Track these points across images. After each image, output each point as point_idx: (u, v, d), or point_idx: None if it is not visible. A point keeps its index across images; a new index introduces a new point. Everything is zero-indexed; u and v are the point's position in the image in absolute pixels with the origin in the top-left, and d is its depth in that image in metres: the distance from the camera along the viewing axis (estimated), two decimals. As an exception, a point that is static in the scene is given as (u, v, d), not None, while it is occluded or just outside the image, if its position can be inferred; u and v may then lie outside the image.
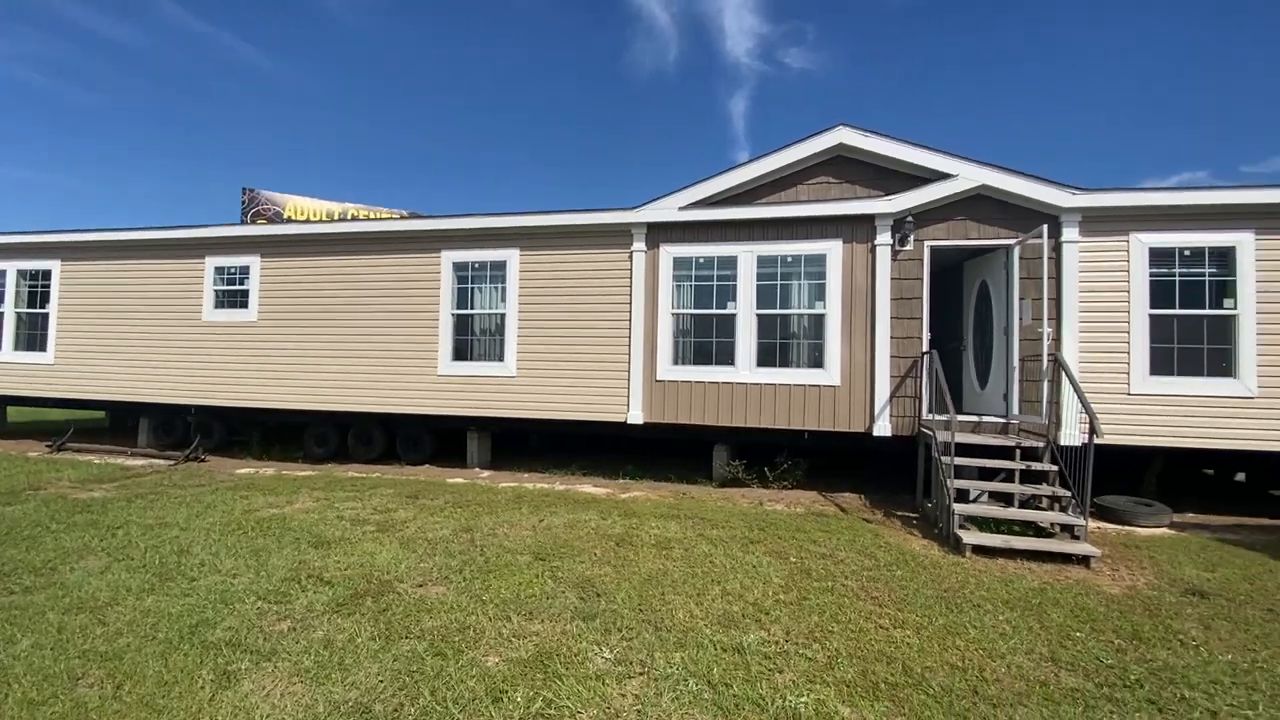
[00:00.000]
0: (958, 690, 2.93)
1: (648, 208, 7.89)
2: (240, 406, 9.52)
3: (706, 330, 7.84)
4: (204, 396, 9.59)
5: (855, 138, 7.30)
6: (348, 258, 9.09)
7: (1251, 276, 6.47)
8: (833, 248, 7.43)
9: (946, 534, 5.56)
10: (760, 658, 3.22)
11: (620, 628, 3.55)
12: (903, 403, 7.21)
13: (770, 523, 6.02)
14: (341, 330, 9.07)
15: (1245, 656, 3.34)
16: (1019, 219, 7.01)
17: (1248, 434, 6.46)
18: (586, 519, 6.02)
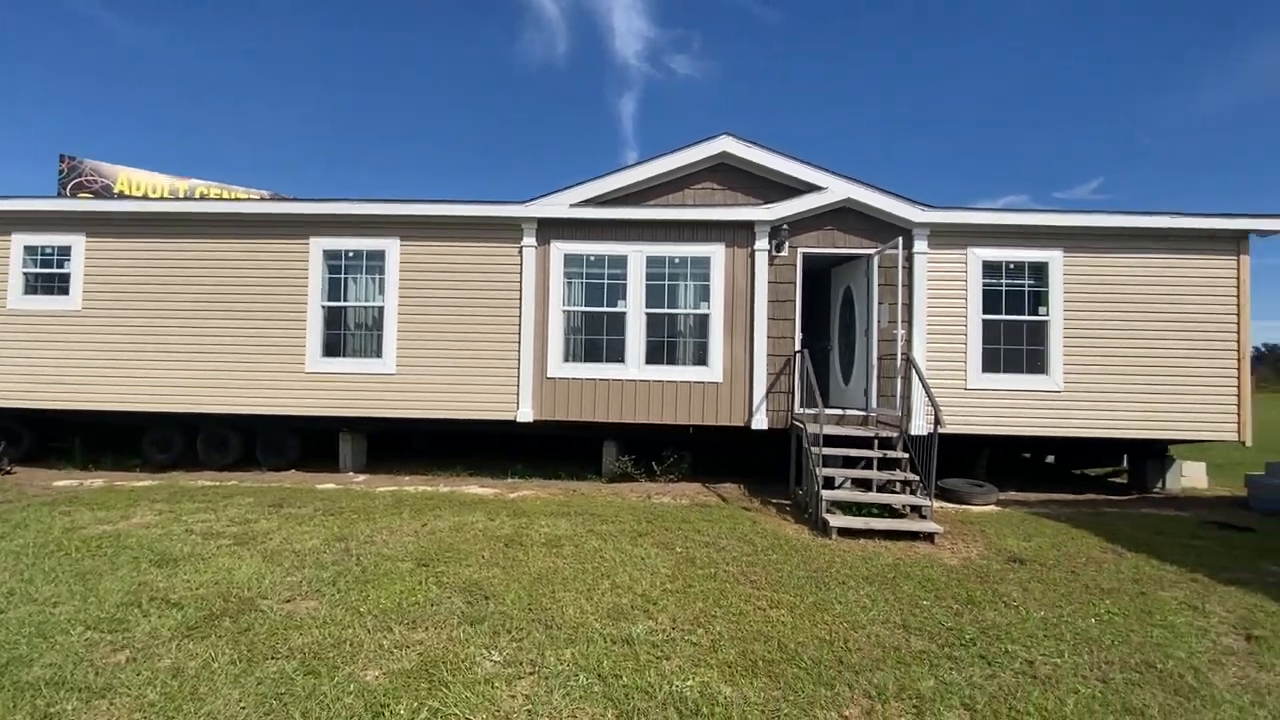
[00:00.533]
0: (825, 661, 3.21)
1: (539, 202, 7.80)
2: (60, 409, 8.22)
3: (597, 328, 7.91)
4: (9, 397, 8.17)
5: (737, 147, 7.68)
6: (199, 241, 8.13)
7: (1060, 288, 7.62)
8: (716, 251, 7.77)
9: (816, 518, 6.03)
10: (648, 647, 3.33)
11: (509, 629, 3.51)
12: (778, 398, 7.71)
13: (658, 515, 6.21)
14: (190, 322, 8.10)
15: (1054, 613, 3.95)
16: (878, 231, 7.74)
17: (1056, 422, 7.61)
18: (473, 521, 5.87)
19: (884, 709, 2.80)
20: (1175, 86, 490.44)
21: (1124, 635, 3.63)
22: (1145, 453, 8.29)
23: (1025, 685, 3.02)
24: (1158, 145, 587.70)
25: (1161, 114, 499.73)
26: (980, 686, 3.00)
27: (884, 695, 2.90)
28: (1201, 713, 2.80)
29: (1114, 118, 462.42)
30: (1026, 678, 3.11)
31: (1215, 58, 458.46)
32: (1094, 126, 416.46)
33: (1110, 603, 4.13)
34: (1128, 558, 5.15)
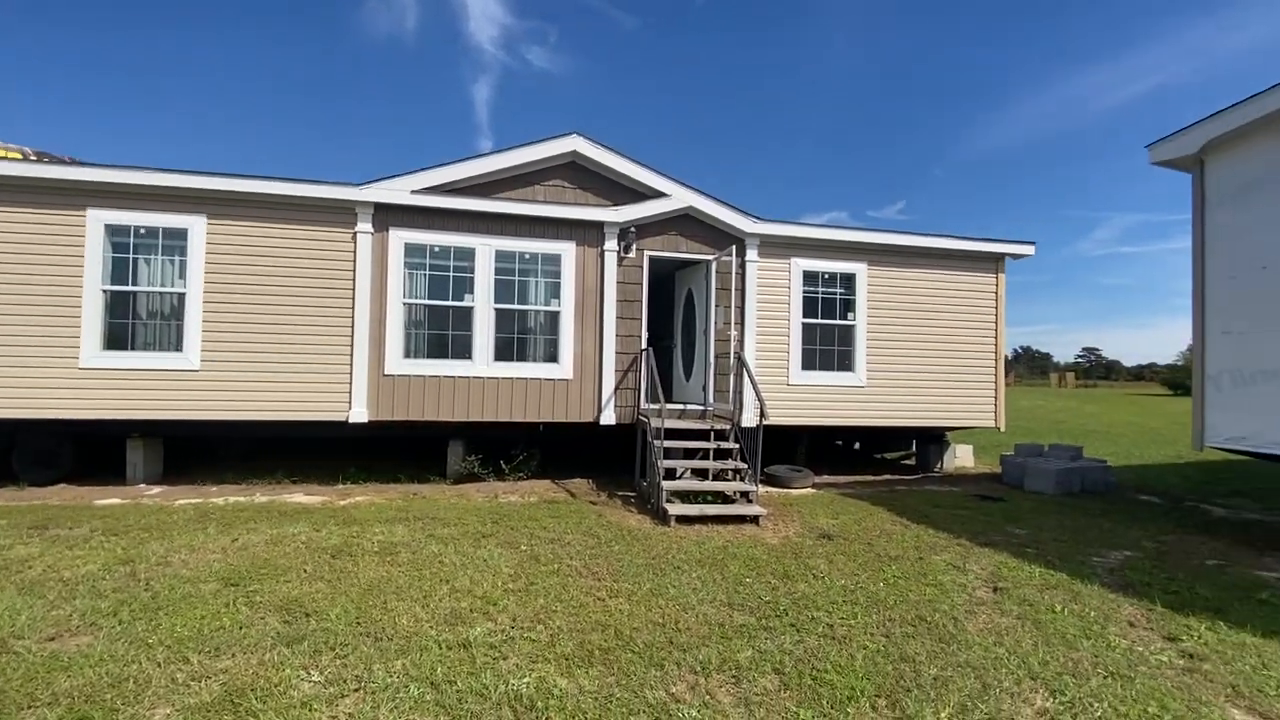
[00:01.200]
0: (658, 643, 3.41)
1: (376, 186, 7.29)
2: None
3: (442, 323, 7.59)
4: None
5: (588, 147, 7.78)
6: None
7: (864, 296, 8.71)
8: (568, 249, 7.82)
9: (657, 508, 6.34)
10: (485, 649, 3.30)
11: (333, 646, 3.29)
12: (625, 394, 7.97)
13: (504, 515, 6.13)
14: (-95, 305, 6.46)
15: (852, 580, 4.53)
16: (716, 238, 8.29)
17: (861, 413, 8.71)
18: (295, 533, 5.37)
19: (707, 682, 3.04)
20: (963, 128, 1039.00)
21: (904, 595, 4.27)
22: (928, 438, 9.77)
23: (826, 646, 3.45)
24: (948, 176, 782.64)
25: (952, 149, 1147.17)
26: (790, 652, 3.37)
27: (708, 669, 3.16)
28: (958, 654, 3.39)
29: (914, 150, 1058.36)
30: (827, 639, 3.55)
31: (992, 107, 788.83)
32: (899, 157, 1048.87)
33: (896, 568, 4.84)
34: (912, 528, 6.05)
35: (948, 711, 2.82)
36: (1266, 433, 5.45)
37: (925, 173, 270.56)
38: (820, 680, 3.07)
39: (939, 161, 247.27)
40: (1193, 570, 4.93)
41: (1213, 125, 5.74)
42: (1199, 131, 5.87)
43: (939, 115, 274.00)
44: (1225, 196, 5.80)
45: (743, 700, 2.89)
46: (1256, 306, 5.54)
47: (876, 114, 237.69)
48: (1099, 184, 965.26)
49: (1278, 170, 5.38)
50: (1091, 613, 4.01)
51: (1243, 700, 2.99)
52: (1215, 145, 5.79)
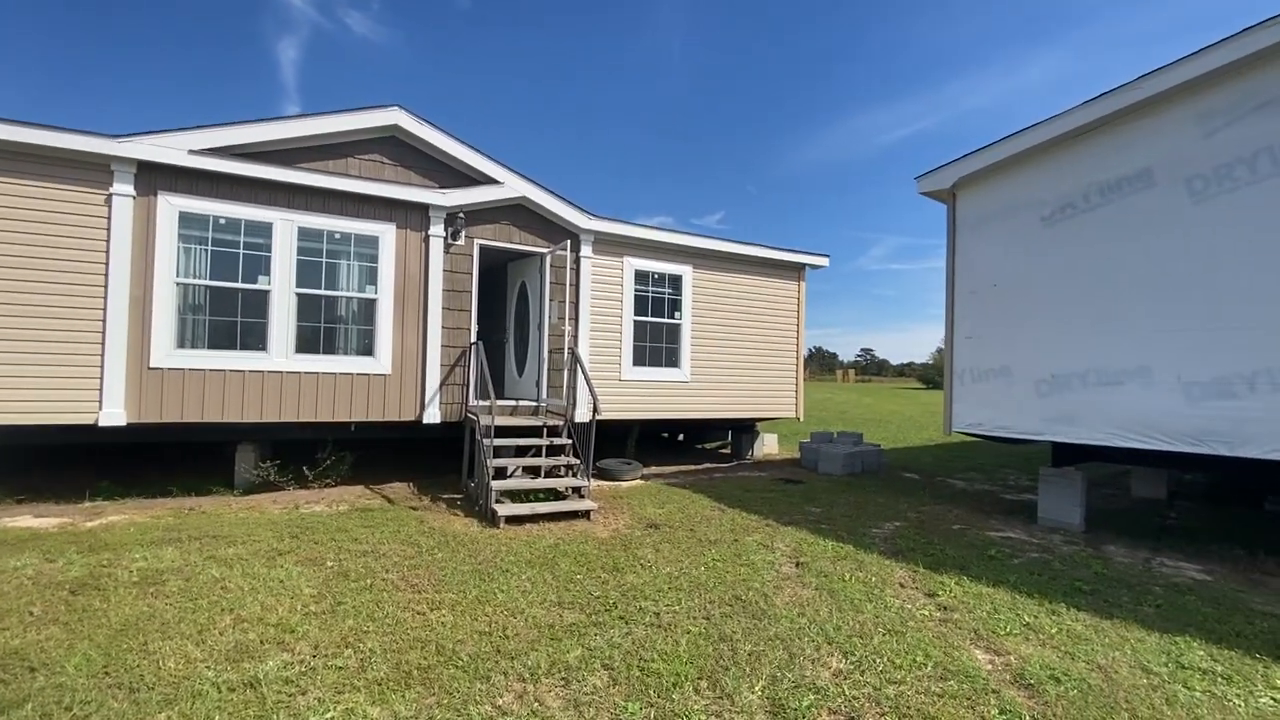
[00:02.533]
0: (483, 654, 3.25)
1: (142, 140, 6.02)
2: None
3: (230, 308, 6.51)
4: None
5: (411, 123, 7.19)
6: None
7: (690, 297, 9.22)
8: (386, 231, 7.16)
9: (486, 510, 6.09)
10: (279, 684, 2.89)
11: (68, 707, 2.64)
12: (452, 390, 7.53)
13: (306, 527, 5.45)
14: None
15: (677, 567, 4.74)
16: (551, 232, 8.18)
17: (686, 407, 9.20)
18: (18, 566, 4.27)
19: (535, 688, 2.96)
20: (774, 149, 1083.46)
21: (722, 577, 4.57)
22: (741, 429, 10.63)
23: (652, 635, 3.56)
24: (760, 193, 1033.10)
25: (764, 167, 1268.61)
26: (618, 645, 3.42)
27: (536, 675, 3.08)
28: (769, 628, 3.70)
29: (733, 164, 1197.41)
30: (654, 628, 3.66)
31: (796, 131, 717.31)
32: (720, 169, 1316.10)
33: (715, 552, 5.16)
34: (728, 513, 6.52)
35: (761, 684, 3.06)
36: (995, 419, 6.74)
37: (741, 187, 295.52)
38: (647, 670, 3.15)
39: (753, 178, 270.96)
40: (944, 534, 5.94)
41: (962, 165, 6.94)
42: (952, 170, 7.07)
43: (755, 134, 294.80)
44: (969, 225, 7.06)
45: (572, 702, 2.86)
46: (988, 316, 6.83)
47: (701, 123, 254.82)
48: (876, 209, 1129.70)
49: (1005, 206, 6.67)
50: (872, 578, 4.63)
51: (982, 642, 3.64)
52: (963, 183, 7.02)
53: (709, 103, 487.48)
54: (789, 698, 2.94)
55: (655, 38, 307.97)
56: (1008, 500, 7.73)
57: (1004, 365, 6.62)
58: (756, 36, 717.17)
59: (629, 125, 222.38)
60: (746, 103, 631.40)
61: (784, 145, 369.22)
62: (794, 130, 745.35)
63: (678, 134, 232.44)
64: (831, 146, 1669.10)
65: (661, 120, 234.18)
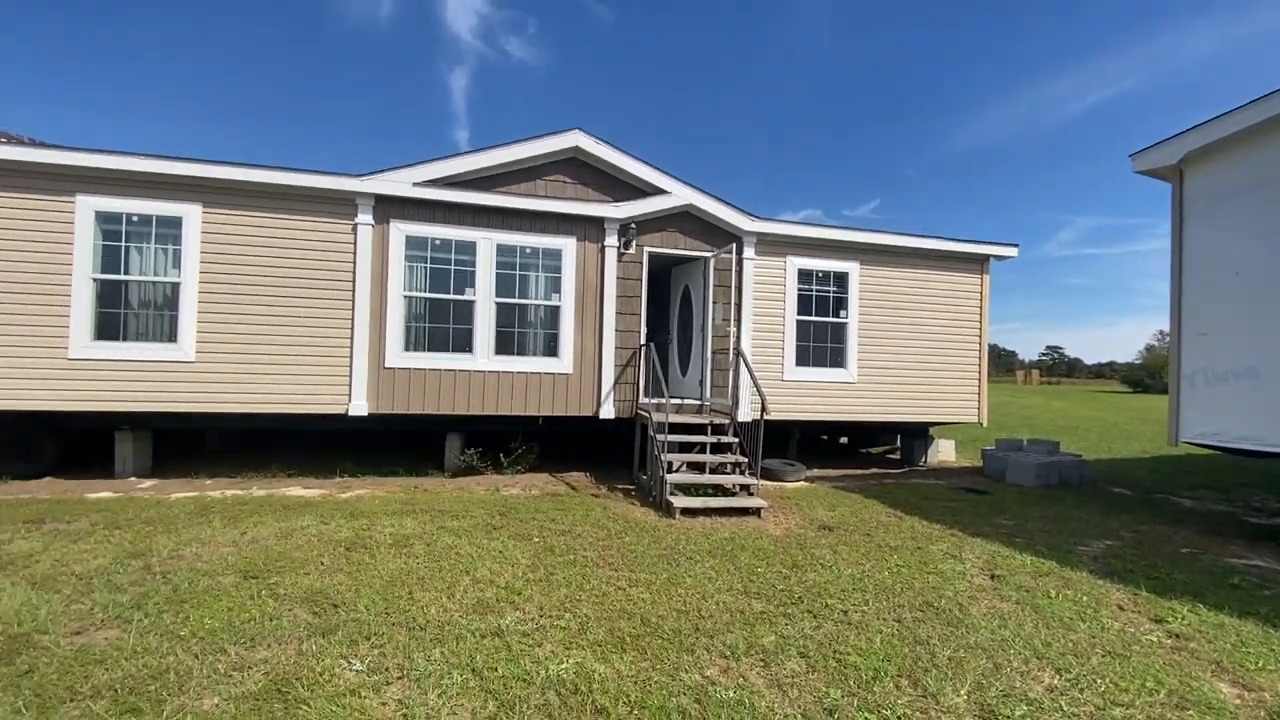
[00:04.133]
0: (684, 630, 3.54)
1: (378, 178, 7.23)
2: None
3: (443, 316, 7.57)
4: None
5: (589, 143, 7.82)
6: (-105, 187, 6.25)
7: (856, 295, 8.94)
8: (568, 244, 7.87)
9: (661, 501, 6.46)
10: (519, 636, 3.39)
11: (368, 636, 3.34)
12: (624, 389, 8.06)
13: (510, 507, 6.19)
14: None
15: (858, 569, 4.72)
16: (714, 236, 8.42)
17: (852, 409, 8.95)
18: (304, 526, 5.36)
19: (738, 665, 3.18)
20: (934, 130, 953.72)
21: (909, 583, 4.47)
22: (913, 433, 10.07)
23: (844, 631, 3.62)
24: (920, 177, 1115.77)
25: (924, 150, 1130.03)
26: (810, 637, 3.53)
27: (736, 653, 3.29)
28: (967, 637, 3.59)
29: (887, 149, 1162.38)
30: (844, 625, 3.71)
31: (965, 108, 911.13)
32: (871, 154, 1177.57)
33: (898, 558, 5.04)
34: (906, 520, 6.28)
35: (966, 688, 3.00)
36: (1234, 428, 5.80)
37: (898, 172, 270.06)
38: (844, 662, 3.23)
39: (912, 161, 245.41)
40: (1169, 558, 5.24)
41: (1191, 138, 6.05)
42: (1178, 144, 6.18)
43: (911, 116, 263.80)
44: (1202, 205, 6.13)
45: (774, 682, 3.03)
46: (1227, 309, 5.88)
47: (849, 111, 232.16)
48: (1063, 187, 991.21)
49: (1251, 183, 5.70)
50: (1084, 597, 4.25)
51: (1227, 674, 3.23)
52: (1193, 158, 6.10)
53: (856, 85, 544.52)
54: (999, 705, 2.86)
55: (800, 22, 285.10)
56: (1252, 524, 6.57)
57: (1249, 366, 5.67)
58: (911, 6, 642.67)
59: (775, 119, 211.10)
60: (902, 79, 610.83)
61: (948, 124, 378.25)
62: (959, 107, 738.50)
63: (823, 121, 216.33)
64: (1004, 121, 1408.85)
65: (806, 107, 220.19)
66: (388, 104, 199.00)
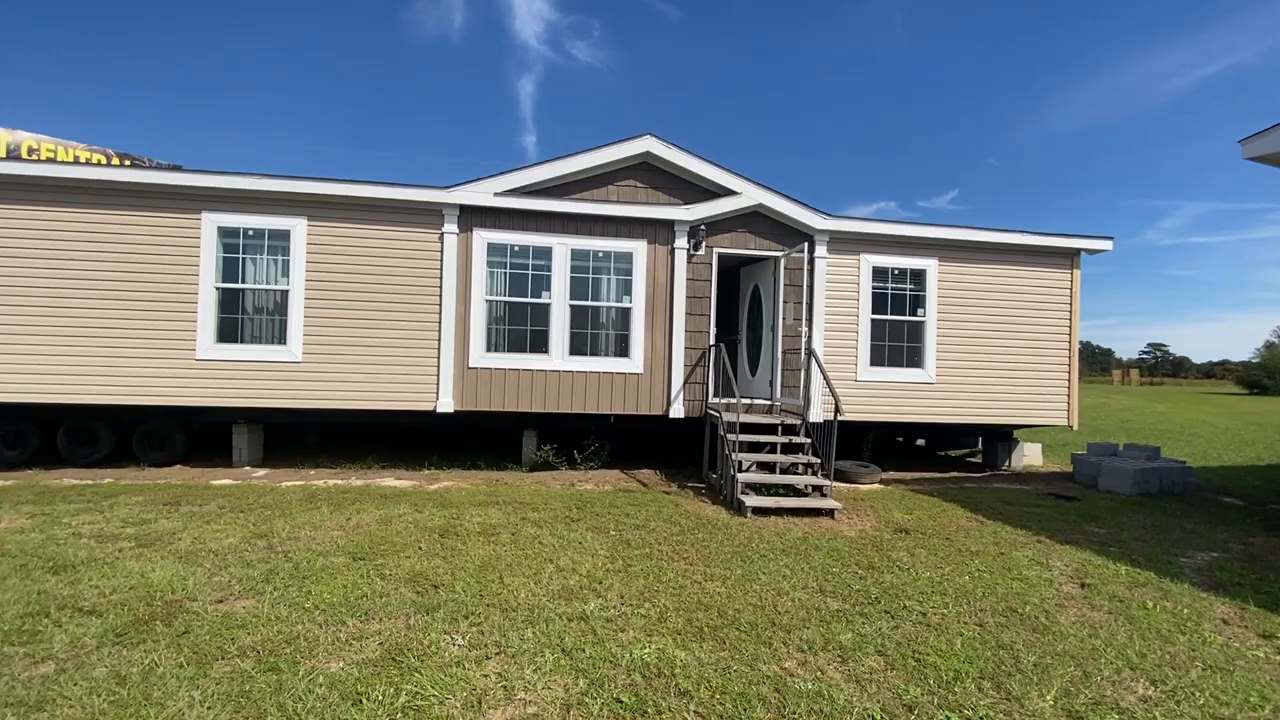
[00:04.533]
0: (761, 624, 3.64)
1: (462, 189, 7.68)
2: None
3: (521, 318, 7.95)
4: None
5: (660, 147, 7.99)
6: (66, 210, 7.19)
7: (935, 292, 8.69)
8: (639, 247, 8.07)
9: (732, 499, 6.55)
10: (603, 622, 3.59)
11: (466, 615, 3.63)
12: (693, 388, 8.18)
13: (586, 502, 6.44)
14: (48, 300, 7.17)
15: (937, 572, 4.66)
16: (785, 235, 8.40)
17: (930, 410, 8.71)
18: (400, 514, 5.80)
19: (815, 659, 3.25)
20: (1017, 114, 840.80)
21: (991, 588, 4.38)
22: (996, 436, 9.68)
23: (923, 632, 3.62)
24: (1003, 165, 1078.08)
25: (1006, 136, 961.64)
26: (888, 636, 3.55)
27: (813, 648, 3.37)
28: (1054, 644, 3.51)
29: (964, 136, 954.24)
30: (922, 626, 3.71)
31: (1052, 91, 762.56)
32: (947, 143, 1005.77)
33: (979, 562, 4.93)
34: (988, 525, 6.10)
35: (1053, 694, 2.96)
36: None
37: (978, 160, 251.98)
38: (923, 662, 3.24)
39: (993, 148, 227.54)
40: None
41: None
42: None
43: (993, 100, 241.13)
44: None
45: (852, 677, 3.09)
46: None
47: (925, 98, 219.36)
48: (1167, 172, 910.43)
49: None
50: (1184, 610, 4.04)
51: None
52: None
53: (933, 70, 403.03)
54: (1088, 712, 2.81)
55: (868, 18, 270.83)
56: (1394, 541, 5.97)
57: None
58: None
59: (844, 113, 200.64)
60: (985, 61, 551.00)
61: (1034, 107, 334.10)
62: (1047, 88, 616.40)
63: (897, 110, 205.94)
64: (1098, 102, 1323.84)
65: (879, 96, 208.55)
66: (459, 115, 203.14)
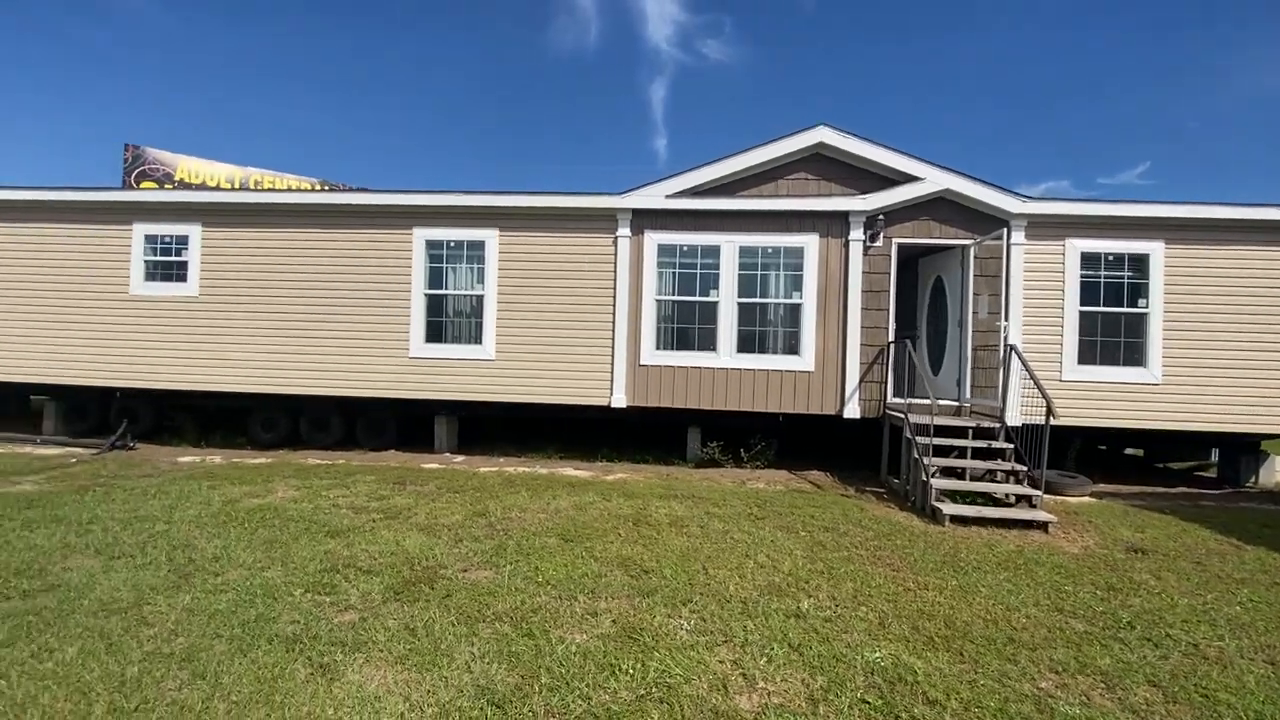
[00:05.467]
0: (997, 639, 3.39)
1: (634, 194, 7.98)
2: (177, 389, 8.73)
3: (689, 317, 8.10)
4: (132, 378, 8.71)
5: (834, 137, 7.74)
6: (306, 230, 8.52)
7: (1161, 281, 7.56)
8: (810, 241, 7.88)
9: (923, 506, 6.17)
10: (821, 621, 3.55)
11: (684, 601, 3.76)
12: (870, 387, 7.82)
13: (764, 500, 6.41)
14: (297, 308, 8.52)
15: (1197, 600, 4.06)
16: (975, 221, 7.75)
17: (1152, 415, 7.59)
18: (590, 501, 6.15)
19: (1075, 683, 2.97)
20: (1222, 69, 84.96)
21: (1274, 622, 3.73)
22: (1237, 446, 8.21)
23: (1199, 665, 3.16)
24: (1205, 130, 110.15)
25: (1207, 97, 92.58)
26: (1156, 666, 3.15)
27: (1068, 670, 3.07)
28: (1386, 696, 2.91)
29: (1155, 100, 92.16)
30: (1197, 659, 3.24)
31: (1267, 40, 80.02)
32: (1133, 108, 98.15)
33: (1248, 591, 4.22)
34: (1249, 550, 5.19)
35: None
36: None
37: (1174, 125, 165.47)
38: (1213, 699, 2.84)
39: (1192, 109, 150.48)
40: None
41: None
42: None
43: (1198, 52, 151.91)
44: None
45: (1127, 707, 2.78)
46: None
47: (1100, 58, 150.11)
48: None
49: None
50: None
51: None
52: None
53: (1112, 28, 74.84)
54: None
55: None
56: None
57: None
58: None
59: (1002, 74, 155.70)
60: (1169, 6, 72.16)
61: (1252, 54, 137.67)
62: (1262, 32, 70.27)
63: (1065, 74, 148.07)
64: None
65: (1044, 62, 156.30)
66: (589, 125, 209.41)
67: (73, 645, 3.01)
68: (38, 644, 3.02)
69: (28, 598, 3.56)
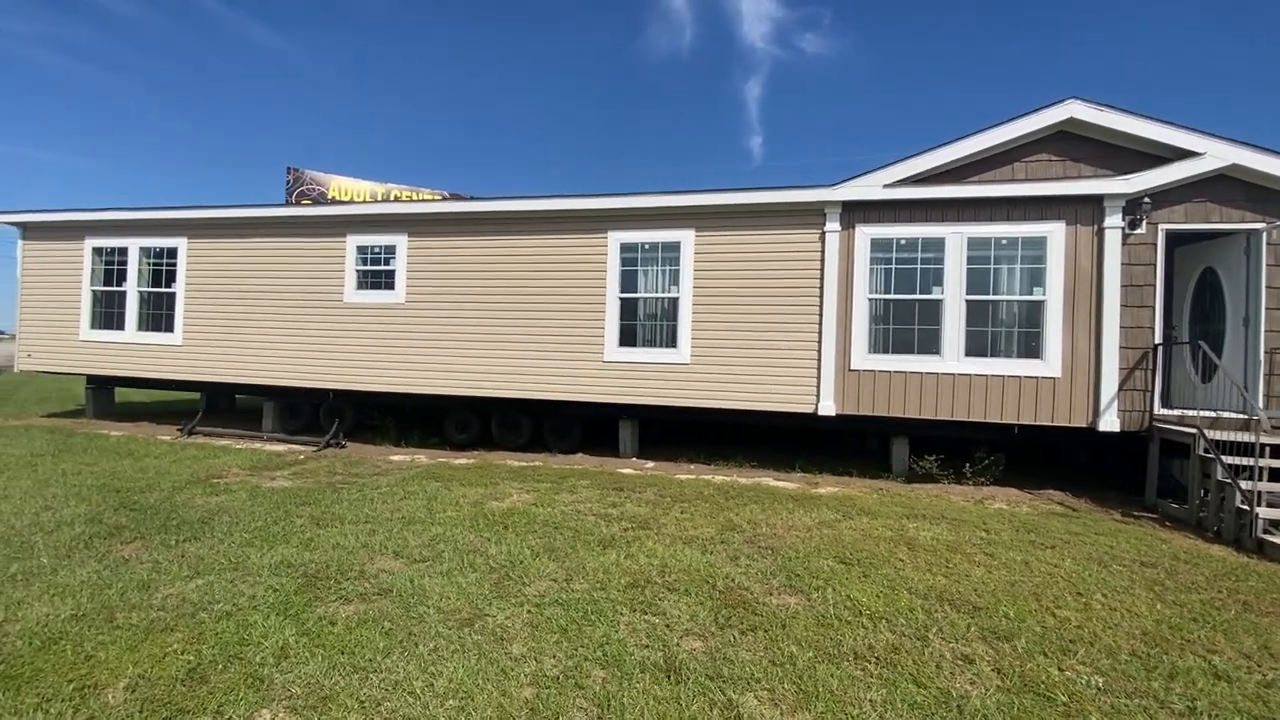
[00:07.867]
0: None
1: (846, 185, 7.45)
2: (383, 391, 9.21)
3: (908, 317, 7.44)
4: (343, 380, 9.28)
5: (1087, 112, 6.82)
6: (503, 238, 8.70)
7: None
8: (1054, 230, 6.98)
9: (1235, 538, 5.21)
10: (1258, 686, 2.88)
11: (1062, 651, 3.22)
12: (1132, 396, 6.81)
13: (1029, 525, 5.67)
14: (493, 313, 8.71)
15: None
16: (1263, 202, 6.55)
17: None
18: (833, 518, 5.69)
19: None
20: None
21: None
22: None
23: None
24: None
25: None
26: None
27: None
28: None
29: None
30: None
31: None
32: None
33: None
34: None
35: None
36: None
37: None
38: None
39: None
40: None
41: None
42: None
43: None
44: None
45: None
46: None
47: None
48: None
49: None
50: None
51: None
52: None
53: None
54: None
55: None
56: None
57: None
58: None
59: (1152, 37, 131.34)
60: None
61: None
62: None
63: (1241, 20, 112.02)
64: None
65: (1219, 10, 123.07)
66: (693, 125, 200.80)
67: (450, 661, 2.96)
68: (415, 657, 2.99)
69: (366, 600, 3.63)
